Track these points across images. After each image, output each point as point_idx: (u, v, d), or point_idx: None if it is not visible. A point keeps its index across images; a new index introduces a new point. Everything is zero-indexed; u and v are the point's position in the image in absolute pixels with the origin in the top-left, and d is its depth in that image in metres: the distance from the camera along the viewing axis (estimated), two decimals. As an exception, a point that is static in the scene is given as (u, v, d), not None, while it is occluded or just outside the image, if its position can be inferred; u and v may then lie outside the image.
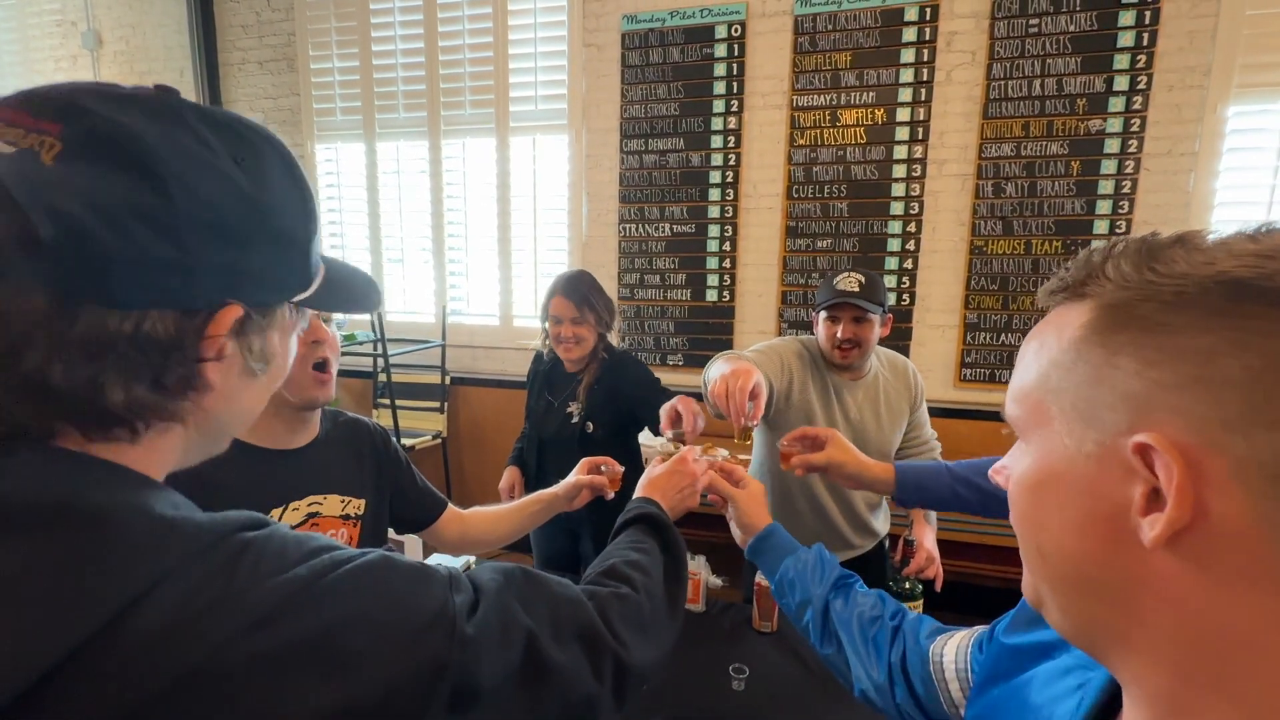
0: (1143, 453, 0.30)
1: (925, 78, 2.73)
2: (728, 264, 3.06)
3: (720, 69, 2.95)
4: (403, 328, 3.56)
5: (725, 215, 3.03)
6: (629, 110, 3.08)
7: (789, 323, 3.03)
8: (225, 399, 0.46)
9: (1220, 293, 0.29)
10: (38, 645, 0.33)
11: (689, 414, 1.28)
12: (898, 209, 2.84)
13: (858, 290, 1.59)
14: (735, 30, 2.90)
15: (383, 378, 3.28)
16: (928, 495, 1.15)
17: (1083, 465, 0.33)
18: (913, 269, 2.86)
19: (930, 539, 1.68)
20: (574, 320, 1.86)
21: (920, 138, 2.77)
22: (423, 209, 3.50)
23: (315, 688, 0.39)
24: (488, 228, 3.42)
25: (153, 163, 0.38)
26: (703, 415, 1.31)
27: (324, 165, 3.63)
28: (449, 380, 3.45)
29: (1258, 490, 0.27)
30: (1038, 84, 2.61)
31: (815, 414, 1.68)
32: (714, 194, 3.03)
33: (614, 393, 1.90)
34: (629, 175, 3.13)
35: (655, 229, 3.13)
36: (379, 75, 3.43)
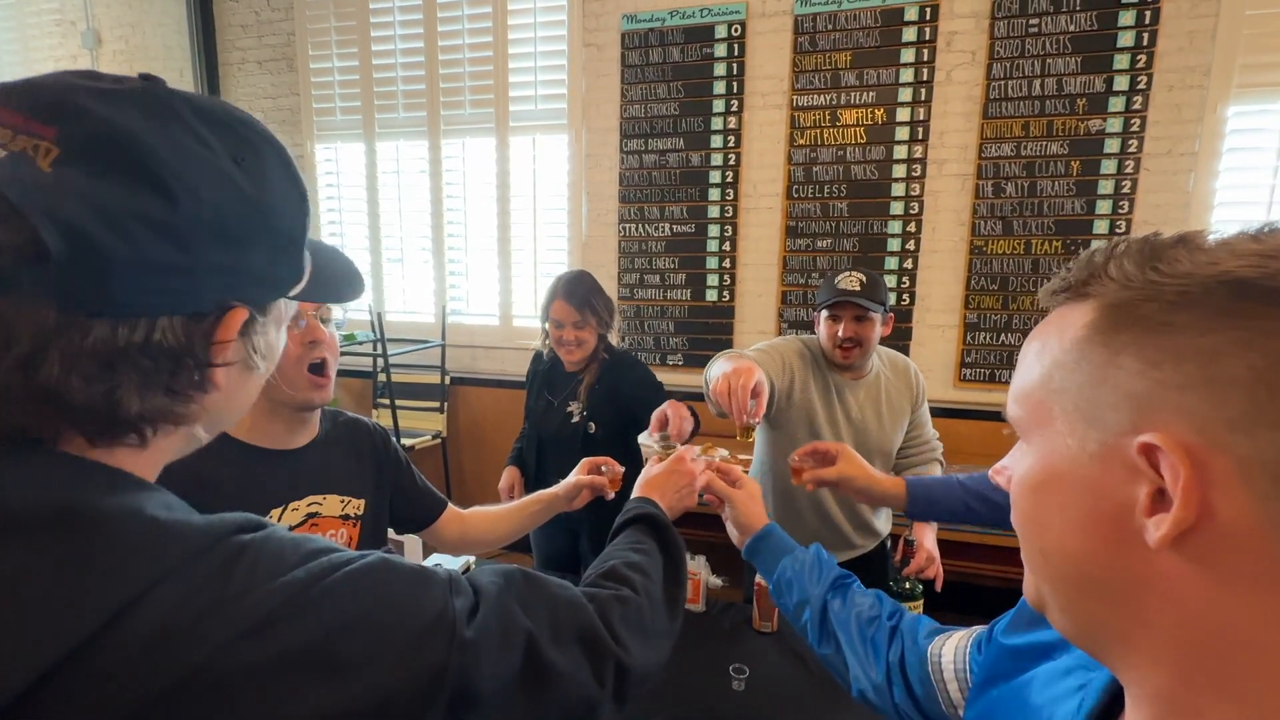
0: (1148, 453, 0.30)
1: (925, 78, 2.73)
2: (728, 264, 3.06)
3: (720, 69, 2.94)
4: (402, 328, 3.56)
5: (725, 215, 3.03)
6: (629, 110, 3.08)
7: (789, 323, 3.03)
8: (228, 396, 0.46)
9: (1224, 292, 0.29)
10: (34, 647, 0.33)
11: (676, 418, 1.28)
12: (898, 209, 2.84)
13: (859, 289, 1.60)
14: (735, 30, 2.90)
15: (382, 378, 3.28)
16: (939, 509, 1.15)
17: (1086, 465, 0.33)
18: (913, 269, 2.86)
19: (930, 539, 1.68)
20: (576, 324, 1.87)
21: (920, 138, 2.77)
22: (422, 209, 3.50)
23: (314, 691, 0.39)
24: (487, 228, 3.42)
25: (155, 166, 0.38)
26: (690, 420, 1.32)
27: (323, 165, 3.62)
28: (449, 380, 3.45)
29: (1261, 490, 0.27)
30: (1038, 84, 2.61)
31: (817, 413, 1.68)
32: (714, 194, 3.03)
33: (615, 393, 1.90)
34: (629, 175, 3.13)
35: (655, 229, 3.13)
36: (378, 75, 3.43)
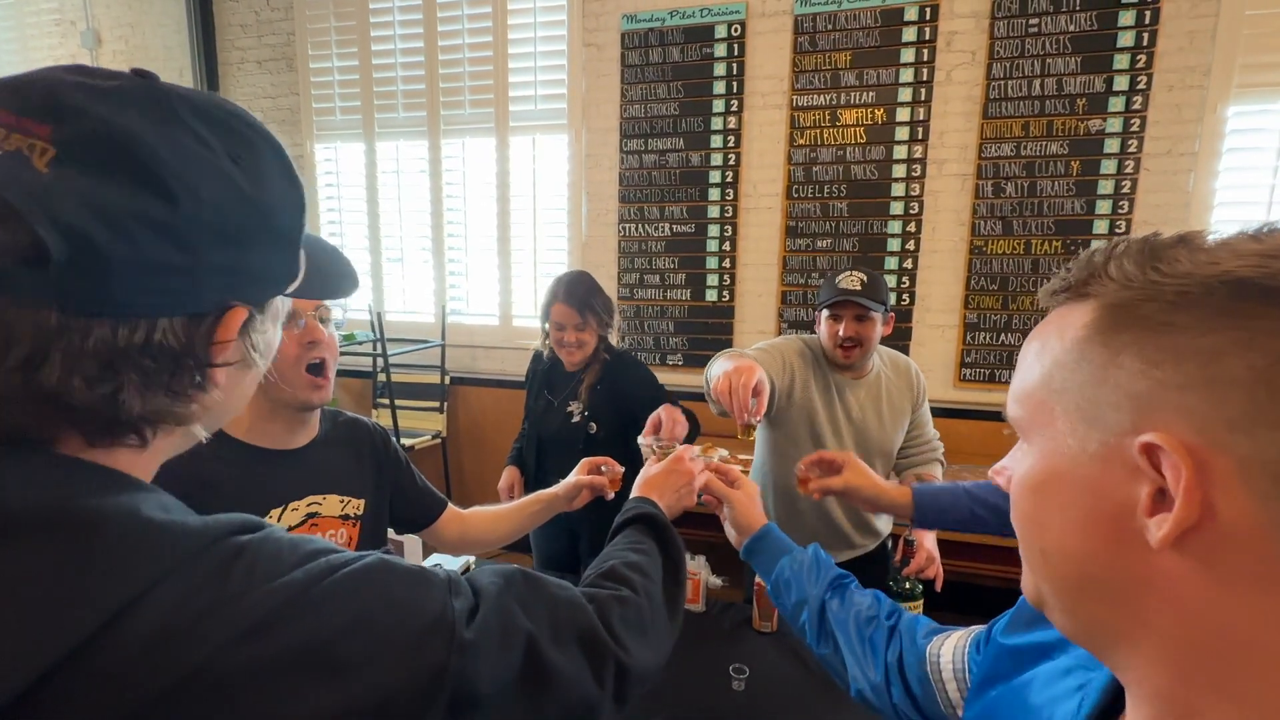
0: (1149, 452, 0.30)
1: (925, 78, 2.73)
2: (727, 264, 3.06)
3: (720, 69, 2.94)
4: (402, 327, 3.56)
5: (725, 215, 3.03)
6: (629, 110, 3.08)
7: (789, 323, 3.03)
8: (227, 394, 0.46)
9: (1225, 292, 0.29)
10: (33, 647, 0.33)
11: (669, 422, 1.32)
12: (898, 209, 2.84)
13: (860, 289, 1.60)
14: (735, 30, 2.90)
15: (382, 378, 3.28)
16: (946, 517, 1.15)
17: (1087, 465, 0.33)
18: (912, 269, 2.86)
19: (930, 539, 1.67)
20: (576, 326, 1.88)
21: (920, 138, 2.77)
22: (422, 209, 3.50)
23: (313, 692, 0.39)
24: (487, 227, 3.41)
25: (156, 167, 0.38)
26: (684, 424, 1.36)
27: (323, 165, 3.62)
28: (448, 380, 3.45)
29: (1262, 490, 0.27)
30: (1038, 84, 2.61)
31: (817, 412, 1.68)
32: (714, 194, 3.03)
33: (617, 394, 1.91)
34: (629, 175, 3.13)
35: (655, 229, 3.13)
36: (378, 75, 3.43)
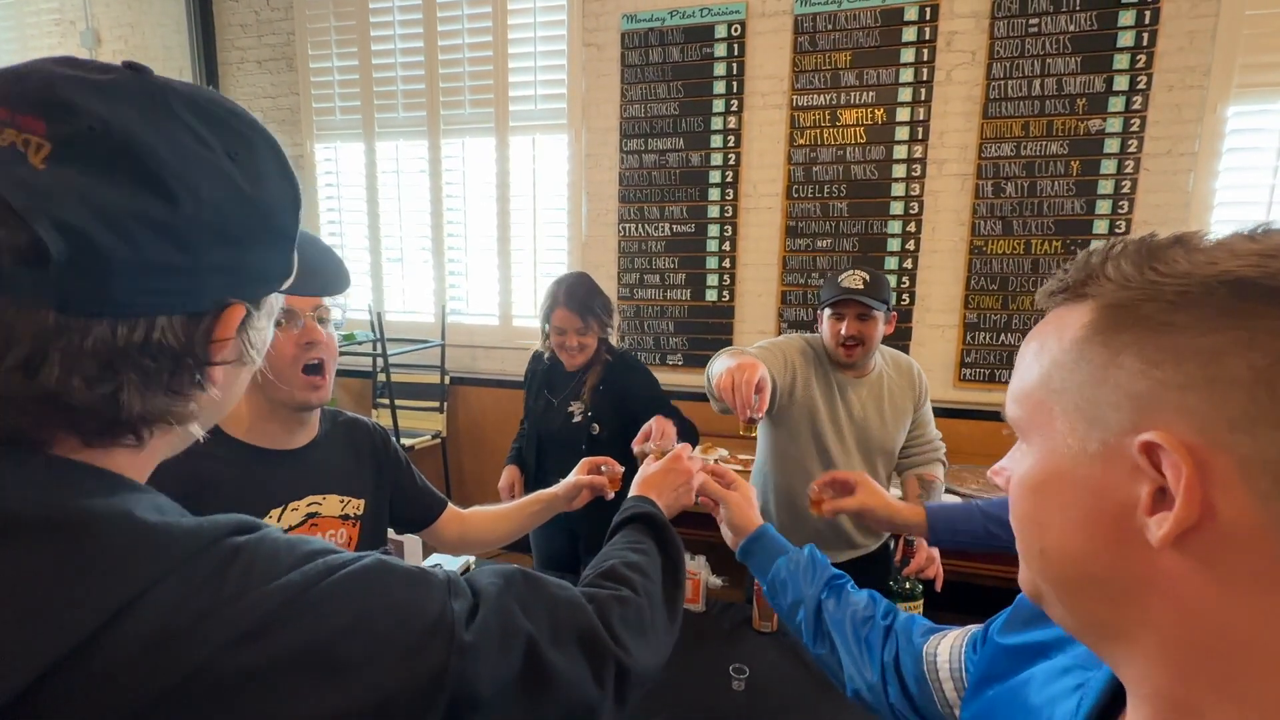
0: (1149, 451, 0.30)
1: (925, 78, 2.73)
2: (727, 264, 3.06)
3: (720, 69, 2.94)
4: (402, 327, 3.56)
5: (725, 215, 3.03)
6: (629, 110, 3.08)
7: (789, 322, 3.03)
8: (223, 392, 0.46)
9: (1224, 292, 0.29)
10: (29, 650, 0.32)
11: (658, 433, 1.39)
12: (897, 209, 2.84)
13: (862, 287, 1.60)
14: (735, 30, 2.90)
15: (382, 377, 3.28)
16: (961, 536, 1.15)
17: (1087, 465, 0.33)
18: (912, 269, 2.86)
19: (930, 539, 1.68)
20: (579, 331, 1.88)
21: (920, 138, 2.77)
22: (422, 209, 3.50)
23: (311, 695, 0.39)
24: (487, 227, 3.41)
25: (156, 166, 0.37)
26: (672, 433, 1.45)
27: (323, 165, 3.62)
28: (448, 380, 3.44)
29: (1263, 490, 0.27)
30: (1038, 84, 2.61)
31: (819, 411, 1.68)
32: (714, 194, 3.03)
33: (622, 399, 1.92)
34: (629, 175, 3.12)
35: (655, 229, 3.13)
36: (378, 75, 3.43)
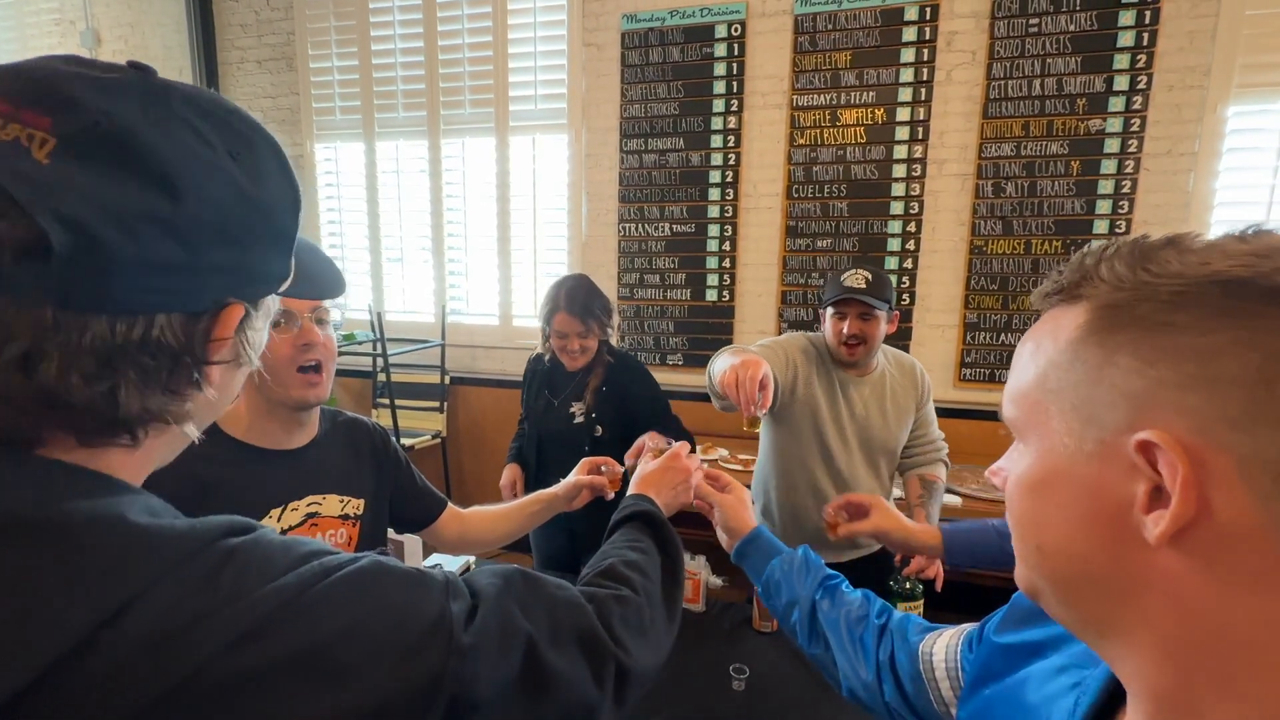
0: (1145, 450, 0.30)
1: (925, 77, 2.73)
2: (728, 264, 3.06)
3: (720, 68, 2.94)
4: (402, 327, 3.56)
5: (725, 215, 3.03)
6: (629, 110, 3.08)
7: (789, 322, 3.03)
8: (219, 391, 0.46)
9: (1219, 292, 0.29)
10: (27, 650, 0.32)
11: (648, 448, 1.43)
12: (898, 209, 2.84)
13: (864, 287, 1.60)
14: (735, 30, 2.90)
15: (382, 377, 3.28)
16: (979, 556, 1.16)
17: (1084, 464, 0.33)
18: (913, 269, 2.86)
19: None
20: (580, 334, 1.89)
21: (920, 137, 2.77)
22: (422, 209, 3.50)
23: (309, 698, 0.38)
24: (487, 227, 3.41)
25: (159, 164, 0.37)
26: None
27: (323, 165, 3.62)
28: (448, 380, 3.45)
29: (1262, 490, 0.27)
30: (1038, 84, 2.61)
31: (821, 409, 1.69)
32: (714, 194, 3.03)
33: (624, 402, 1.93)
34: (629, 175, 3.12)
35: (655, 229, 3.13)
36: (378, 75, 3.43)
